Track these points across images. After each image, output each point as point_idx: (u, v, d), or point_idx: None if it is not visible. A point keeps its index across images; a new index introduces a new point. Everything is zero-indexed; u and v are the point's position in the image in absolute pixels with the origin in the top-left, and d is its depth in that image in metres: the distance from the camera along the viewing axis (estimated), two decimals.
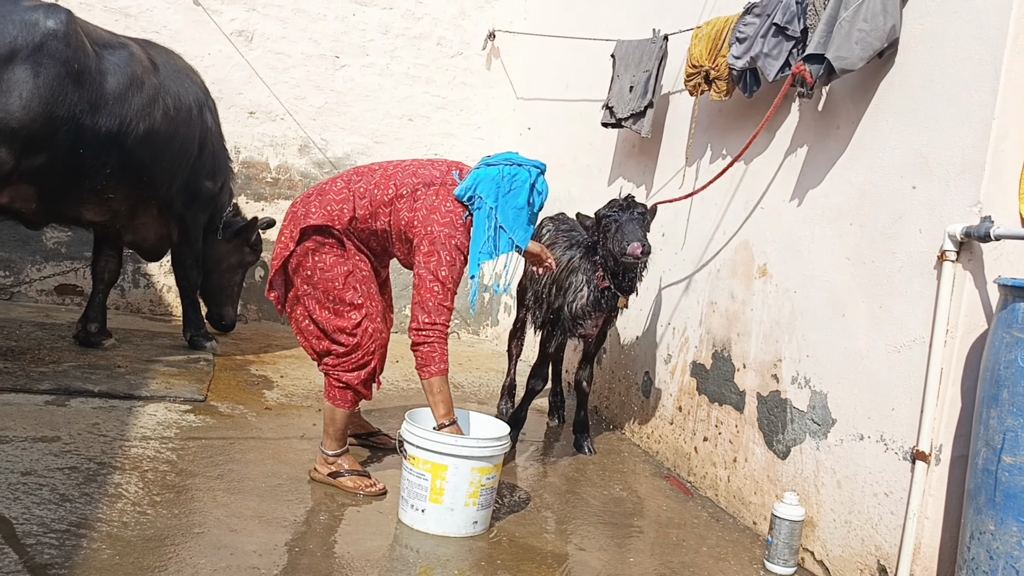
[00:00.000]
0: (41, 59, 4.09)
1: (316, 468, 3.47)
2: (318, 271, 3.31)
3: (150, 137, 4.64)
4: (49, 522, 2.71)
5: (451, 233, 3.20)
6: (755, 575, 3.13)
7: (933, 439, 2.72)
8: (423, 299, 3.19)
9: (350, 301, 3.32)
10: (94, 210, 4.72)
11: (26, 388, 4.03)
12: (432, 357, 3.18)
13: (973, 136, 2.69)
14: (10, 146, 4.06)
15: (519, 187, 3.20)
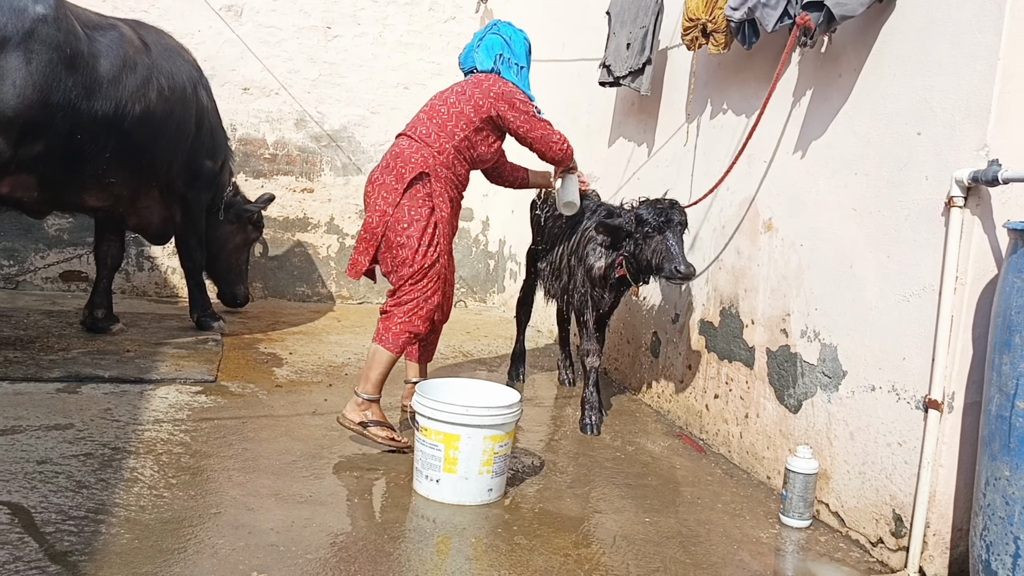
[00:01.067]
0: (32, 45, 4.03)
1: (346, 415, 3.54)
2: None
3: (146, 118, 4.60)
4: (67, 509, 2.73)
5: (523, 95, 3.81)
6: (771, 529, 3.14)
7: (945, 387, 2.71)
8: (545, 130, 3.83)
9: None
10: (96, 196, 4.69)
11: (37, 376, 4.04)
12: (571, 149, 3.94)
13: (978, 78, 2.64)
14: (7, 135, 4.02)
15: (513, 31, 3.98)
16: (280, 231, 6.78)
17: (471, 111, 3.66)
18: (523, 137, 3.79)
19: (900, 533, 2.86)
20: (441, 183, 3.64)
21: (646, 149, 4.84)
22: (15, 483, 2.88)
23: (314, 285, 6.91)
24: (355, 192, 6.91)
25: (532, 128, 3.77)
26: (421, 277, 3.61)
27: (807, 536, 3.11)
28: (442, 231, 3.64)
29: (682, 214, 3.77)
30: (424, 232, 3.59)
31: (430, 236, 3.60)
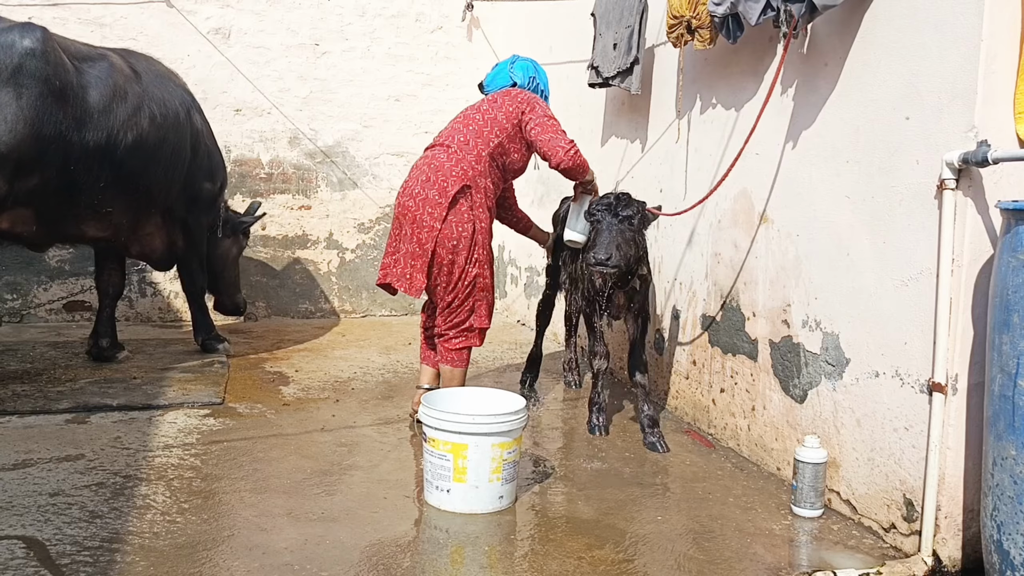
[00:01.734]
0: (21, 80, 4.05)
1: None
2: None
3: (139, 146, 4.61)
4: (82, 540, 2.74)
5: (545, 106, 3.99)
6: (783, 520, 3.14)
7: (948, 369, 2.71)
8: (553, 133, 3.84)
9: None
10: (95, 226, 4.71)
11: (45, 409, 4.07)
12: (584, 160, 3.90)
13: (962, 60, 2.65)
14: (2, 171, 4.04)
15: (536, 64, 4.29)
16: (280, 249, 6.80)
17: (503, 117, 3.84)
18: (533, 139, 3.83)
19: (912, 517, 2.86)
20: (481, 194, 3.79)
21: (639, 147, 4.85)
22: (29, 516, 2.90)
23: (316, 301, 6.93)
24: (352, 206, 6.94)
25: (543, 130, 3.80)
26: (467, 296, 3.79)
27: (820, 525, 3.11)
28: (482, 244, 3.80)
29: (626, 206, 3.63)
30: (469, 250, 3.75)
31: (473, 253, 3.77)
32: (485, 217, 3.80)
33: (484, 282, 3.80)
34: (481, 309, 3.83)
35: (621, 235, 3.56)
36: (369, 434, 3.97)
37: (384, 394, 4.67)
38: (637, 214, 3.65)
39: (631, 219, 3.60)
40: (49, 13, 6.03)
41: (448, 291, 3.77)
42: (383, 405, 4.45)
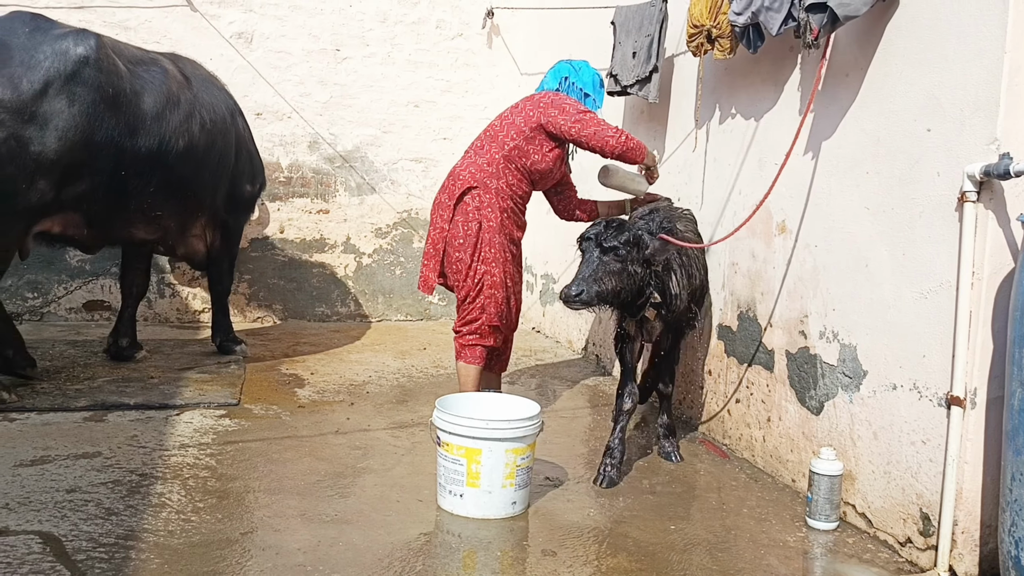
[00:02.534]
0: (75, 88, 4.06)
1: None
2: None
3: (190, 151, 4.66)
4: (97, 536, 2.76)
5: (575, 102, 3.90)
6: (798, 533, 3.12)
7: (967, 383, 2.69)
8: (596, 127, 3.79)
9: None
10: (145, 229, 4.76)
11: (64, 407, 4.10)
12: (639, 143, 3.84)
13: (985, 72, 2.63)
14: (48, 177, 4.05)
15: (585, 65, 4.15)
16: (298, 252, 6.83)
17: (521, 121, 3.85)
18: (577, 138, 3.81)
19: (928, 532, 2.83)
20: (490, 194, 3.83)
21: (657, 156, 4.84)
22: (46, 512, 2.92)
23: (333, 305, 6.95)
24: (370, 211, 6.96)
25: (584, 126, 3.77)
26: (477, 294, 3.85)
27: (835, 538, 3.09)
28: (489, 243, 3.81)
29: (615, 236, 3.31)
30: (475, 248, 3.82)
31: (480, 251, 3.82)
32: (494, 216, 3.82)
33: (492, 279, 3.83)
34: (490, 307, 3.85)
35: (603, 267, 3.27)
36: (383, 438, 3.98)
37: (399, 398, 4.68)
38: (629, 245, 3.30)
39: (617, 250, 3.28)
40: (75, 16, 6.10)
41: (460, 289, 3.88)
42: (397, 409, 4.46)
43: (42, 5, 5.99)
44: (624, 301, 3.43)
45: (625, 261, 3.30)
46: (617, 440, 3.57)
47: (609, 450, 3.56)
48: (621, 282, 3.32)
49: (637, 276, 3.36)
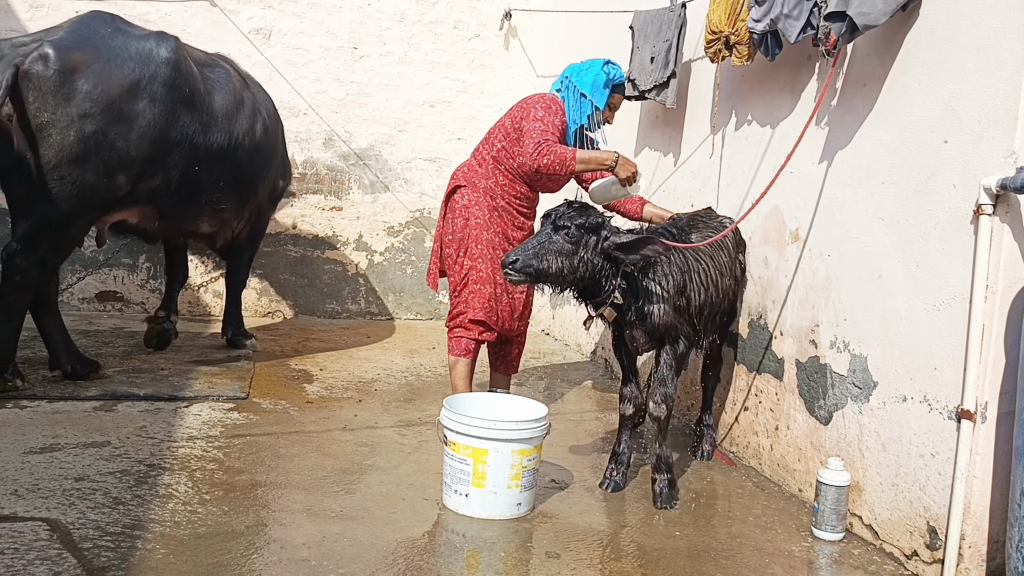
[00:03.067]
0: (157, 88, 4.20)
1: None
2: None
3: (255, 148, 4.87)
4: (104, 525, 2.78)
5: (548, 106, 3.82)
6: (803, 543, 3.11)
7: (978, 397, 2.68)
8: (527, 137, 3.70)
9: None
10: (209, 222, 4.92)
11: (74, 395, 4.13)
12: (560, 155, 3.64)
13: (1004, 85, 2.62)
14: (128, 172, 4.19)
15: (594, 64, 3.98)
16: (310, 249, 6.85)
17: (509, 123, 3.87)
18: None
19: (935, 546, 2.82)
20: (478, 192, 3.88)
21: (672, 161, 4.84)
22: (54, 500, 2.94)
23: (343, 302, 6.97)
24: (383, 209, 6.98)
25: (526, 134, 3.73)
26: (462, 288, 3.90)
27: (840, 549, 3.08)
28: (476, 239, 3.85)
29: (571, 217, 3.16)
30: (461, 244, 3.88)
31: (466, 247, 3.86)
32: (481, 214, 3.86)
33: (477, 275, 3.86)
34: (473, 301, 3.87)
35: (551, 244, 3.14)
36: (390, 435, 3.99)
37: (407, 396, 4.69)
38: (583, 229, 3.16)
39: (568, 230, 3.14)
40: (95, 7, 6.13)
41: (450, 283, 3.98)
42: (405, 407, 4.47)
43: None
44: (573, 287, 3.25)
45: (577, 244, 3.14)
46: (623, 447, 3.53)
47: (615, 455, 3.54)
48: (567, 265, 3.15)
49: (590, 265, 3.17)
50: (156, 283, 6.41)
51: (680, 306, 3.34)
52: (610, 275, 3.21)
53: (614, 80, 3.97)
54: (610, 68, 3.97)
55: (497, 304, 3.90)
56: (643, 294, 3.27)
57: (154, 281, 6.42)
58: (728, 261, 3.66)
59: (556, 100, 3.89)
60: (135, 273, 6.42)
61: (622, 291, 3.24)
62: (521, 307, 4.02)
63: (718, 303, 3.56)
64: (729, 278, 3.65)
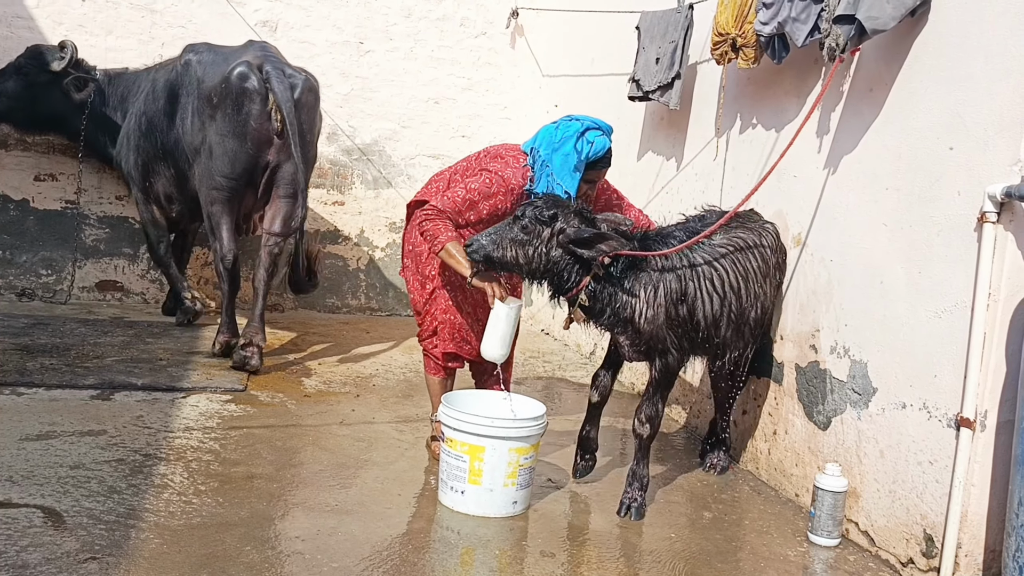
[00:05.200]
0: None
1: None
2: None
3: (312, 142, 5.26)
4: (98, 514, 2.77)
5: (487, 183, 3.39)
6: (799, 547, 3.10)
7: (978, 405, 2.67)
8: (443, 194, 3.40)
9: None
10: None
11: (72, 383, 4.12)
12: (432, 234, 3.27)
13: (1011, 93, 2.61)
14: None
15: (568, 137, 3.40)
16: (314, 243, 6.84)
17: (461, 175, 3.55)
18: None
19: (931, 553, 2.81)
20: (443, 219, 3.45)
21: (675, 163, 4.83)
22: (49, 487, 2.93)
23: (344, 297, 6.96)
24: (385, 205, 6.97)
25: (445, 193, 3.42)
26: (426, 310, 3.60)
27: (836, 555, 3.07)
28: (429, 260, 3.54)
29: (528, 203, 3.17)
30: (418, 261, 3.59)
31: (425, 267, 3.57)
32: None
33: (446, 303, 3.56)
34: (443, 332, 3.58)
35: (509, 234, 3.11)
36: (387, 431, 3.98)
37: (404, 392, 4.68)
38: (539, 222, 3.09)
39: (521, 220, 3.10)
40: None
41: (410, 293, 3.70)
42: (403, 403, 4.46)
43: None
44: (535, 278, 3.20)
45: (531, 235, 3.09)
46: (586, 431, 3.51)
47: (580, 442, 3.54)
48: (521, 254, 3.10)
49: (544, 257, 3.10)
50: (156, 273, 6.40)
51: (679, 316, 3.18)
52: (572, 270, 3.13)
53: (591, 158, 3.41)
54: (584, 144, 3.39)
55: (469, 333, 3.59)
56: (621, 299, 3.15)
57: (154, 272, 6.41)
58: (761, 266, 3.39)
59: (509, 182, 3.40)
60: (136, 263, 6.41)
61: (591, 293, 3.15)
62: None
63: (742, 313, 3.32)
64: (760, 284, 3.39)
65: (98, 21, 6.15)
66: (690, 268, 3.20)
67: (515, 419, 3.13)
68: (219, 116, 4.72)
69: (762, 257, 3.42)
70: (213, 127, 4.74)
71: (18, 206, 6.15)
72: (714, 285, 3.22)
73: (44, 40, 5.95)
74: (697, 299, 3.20)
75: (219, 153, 4.74)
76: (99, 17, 6.15)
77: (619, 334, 3.27)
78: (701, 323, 3.22)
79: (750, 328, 3.40)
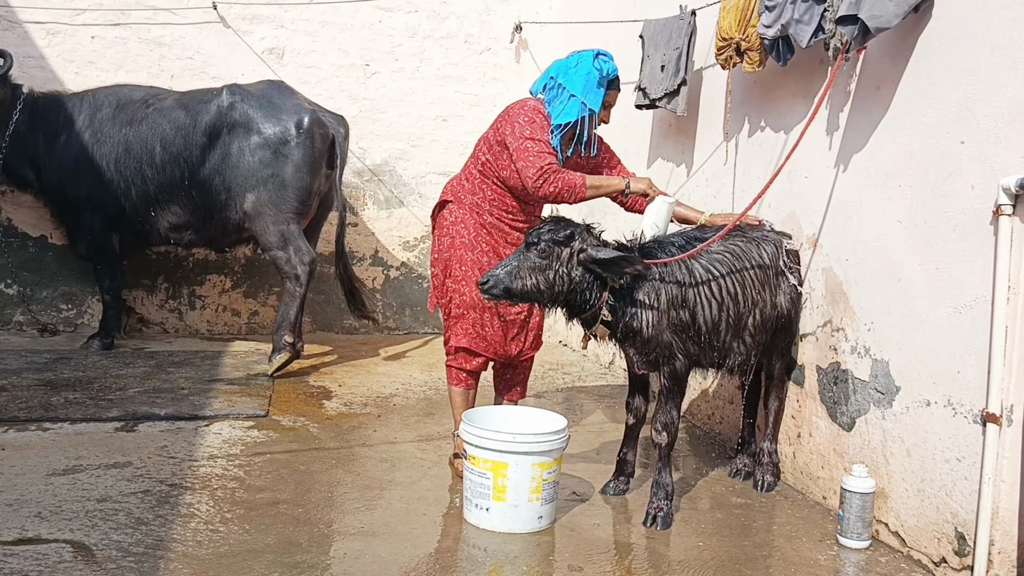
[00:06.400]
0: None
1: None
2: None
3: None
4: (127, 546, 2.79)
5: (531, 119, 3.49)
6: (829, 551, 3.07)
7: (1003, 400, 2.64)
8: (523, 160, 3.40)
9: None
10: None
11: (96, 416, 4.15)
12: (569, 183, 3.37)
13: (1020, 84, 2.59)
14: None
15: (583, 59, 3.56)
16: (326, 265, 6.86)
17: (492, 133, 3.59)
18: (515, 165, 3.47)
19: (963, 552, 2.78)
20: (464, 209, 3.64)
21: (685, 169, 4.83)
22: (77, 521, 2.96)
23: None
24: (398, 224, 7.00)
25: (518, 156, 3.42)
26: (447, 314, 3.70)
27: (867, 557, 3.04)
28: (460, 259, 3.60)
29: (540, 236, 3.11)
30: (446, 265, 3.66)
31: (449, 269, 3.64)
32: (466, 232, 3.60)
33: (461, 299, 3.59)
34: (457, 327, 3.64)
35: (526, 262, 3.09)
36: (410, 450, 3.98)
37: (425, 411, 4.68)
38: (555, 243, 3.09)
39: (538, 245, 3.08)
40: (111, 32, 6.22)
41: (440, 306, 3.74)
42: (424, 422, 4.47)
43: (80, 22, 6.13)
44: (557, 303, 3.18)
45: (549, 258, 3.07)
46: (623, 453, 3.55)
47: (618, 463, 3.56)
48: (542, 280, 3.08)
49: (566, 278, 3.09)
50: (175, 303, 6.46)
51: (682, 322, 3.19)
52: (593, 288, 3.12)
53: (608, 76, 3.55)
54: (601, 63, 3.54)
55: (484, 329, 3.62)
56: (629, 309, 3.16)
57: (173, 301, 6.47)
58: (759, 273, 3.36)
59: (539, 110, 3.52)
60: (154, 293, 6.47)
61: (610, 307, 3.15)
62: (517, 329, 3.69)
63: (742, 318, 3.32)
64: (762, 292, 3.37)
65: (108, 57, 6.23)
66: (690, 274, 3.22)
67: (537, 434, 3.13)
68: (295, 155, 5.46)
69: (760, 264, 3.39)
70: (288, 164, 5.45)
71: (36, 243, 6.22)
72: (712, 290, 3.24)
73: (57, 80, 6.05)
74: (697, 304, 3.22)
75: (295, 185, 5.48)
76: (108, 53, 6.23)
77: (628, 346, 3.28)
78: (702, 328, 3.23)
79: (751, 333, 3.37)
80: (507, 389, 3.91)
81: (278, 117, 5.49)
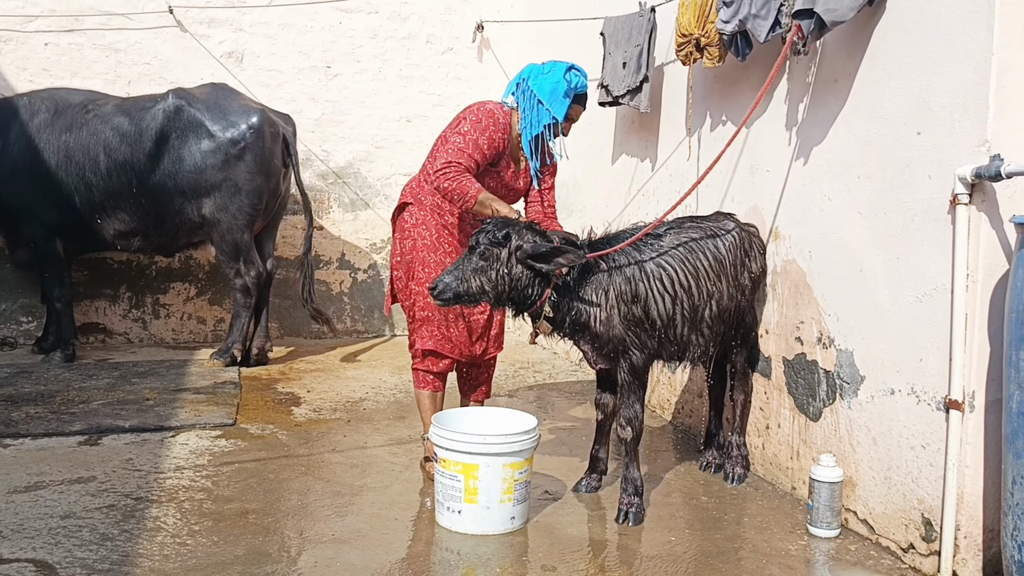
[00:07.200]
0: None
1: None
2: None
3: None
4: (92, 563, 2.74)
5: (478, 119, 3.50)
6: (799, 541, 3.10)
7: (965, 386, 2.68)
8: (442, 149, 3.45)
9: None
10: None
11: (58, 431, 4.07)
12: (463, 189, 3.35)
13: (973, 74, 2.63)
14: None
15: (556, 68, 3.60)
16: (292, 270, 6.81)
17: (447, 131, 3.56)
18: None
19: (931, 537, 2.81)
20: (425, 211, 3.60)
21: (649, 164, 4.84)
22: (40, 539, 2.89)
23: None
24: (364, 227, 6.96)
25: (441, 144, 3.48)
26: (411, 318, 3.67)
27: (836, 545, 3.07)
28: (423, 261, 3.58)
29: (479, 231, 3.16)
30: (409, 267, 3.63)
31: (412, 272, 3.62)
32: (428, 234, 3.58)
33: (424, 301, 3.54)
34: (422, 330, 3.62)
35: (469, 264, 3.12)
36: (381, 455, 3.95)
37: (396, 415, 4.65)
38: (495, 244, 3.10)
39: (478, 247, 3.11)
40: (65, 39, 6.11)
41: (404, 309, 3.72)
42: (395, 426, 4.44)
43: (32, 29, 6.01)
44: (501, 301, 3.18)
45: (489, 259, 3.10)
46: (594, 450, 3.56)
47: (591, 460, 3.58)
48: (485, 281, 3.10)
49: (507, 277, 3.10)
50: (138, 312, 6.37)
51: (635, 316, 3.19)
52: (534, 284, 3.13)
53: (576, 89, 3.57)
54: (572, 76, 3.56)
55: (449, 331, 3.61)
56: (575, 304, 3.17)
57: (136, 311, 6.37)
58: (714, 265, 3.36)
59: (494, 114, 3.53)
60: (116, 303, 6.37)
61: (554, 303, 3.16)
62: (481, 329, 3.68)
63: (698, 310, 3.32)
64: (718, 283, 3.37)
65: (62, 64, 6.13)
66: (640, 269, 3.22)
67: (507, 434, 3.12)
68: (247, 157, 5.44)
69: (714, 256, 3.39)
70: (241, 167, 5.44)
71: None
72: (664, 285, 3.24)
73: (11, 89, 5.93)
74: (650, 298, 3.22)
75: (248, 188, 5.49)
76: (63, 60, 6.13)
77: (580, 341, 3.29)
78: (657, 322, 3.24)
79: (708, 325, 3.37)
80: (472, 389, 3.90)
81: (227, 119, 5.46)
